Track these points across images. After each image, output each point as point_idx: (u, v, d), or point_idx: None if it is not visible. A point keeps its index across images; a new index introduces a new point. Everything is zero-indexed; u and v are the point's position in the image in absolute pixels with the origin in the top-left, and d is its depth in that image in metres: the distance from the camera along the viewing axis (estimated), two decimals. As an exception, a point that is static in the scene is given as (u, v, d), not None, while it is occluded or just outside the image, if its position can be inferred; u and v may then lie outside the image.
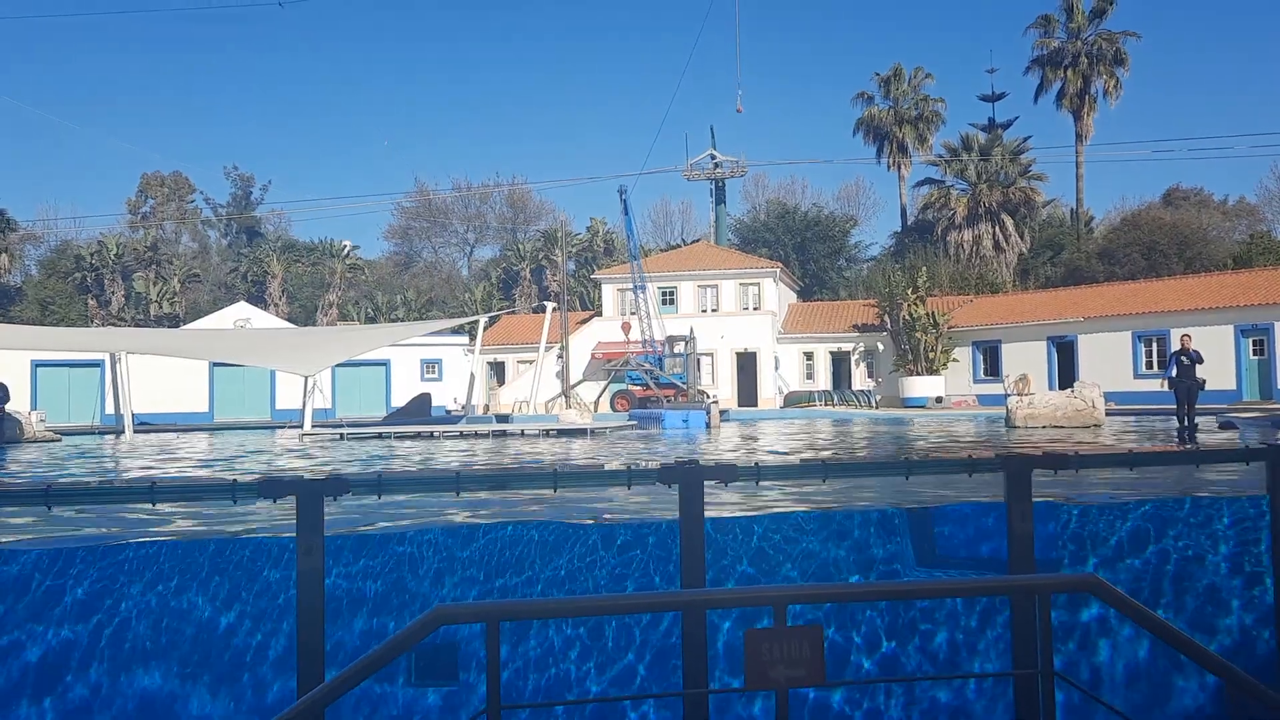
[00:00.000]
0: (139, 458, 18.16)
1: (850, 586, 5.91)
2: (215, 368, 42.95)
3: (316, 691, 3.69)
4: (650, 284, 46.06)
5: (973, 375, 43.33)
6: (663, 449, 18.46)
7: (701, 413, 28.08)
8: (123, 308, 62.82)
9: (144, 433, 28.89)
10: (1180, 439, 17.46)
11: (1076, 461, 6.31)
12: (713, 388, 44.65)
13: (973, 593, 5.66)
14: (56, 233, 76.17)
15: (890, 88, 61.04)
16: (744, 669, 3.42)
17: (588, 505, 8.32)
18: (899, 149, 60.49)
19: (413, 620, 3.73)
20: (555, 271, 63.76)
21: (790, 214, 64.43)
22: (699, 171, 61.07)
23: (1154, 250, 49.43)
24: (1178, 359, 19.08)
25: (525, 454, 17.70)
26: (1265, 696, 3.59)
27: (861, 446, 18.35)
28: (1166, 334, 35.80)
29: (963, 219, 54.17)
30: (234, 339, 35.32)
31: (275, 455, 18.47)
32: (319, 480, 5.32)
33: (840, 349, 47.47)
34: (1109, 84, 55.80)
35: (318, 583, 5.14)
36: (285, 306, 64.12)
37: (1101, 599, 3.78)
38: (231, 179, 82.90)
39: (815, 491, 8.69)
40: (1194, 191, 66.59)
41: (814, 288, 60.29)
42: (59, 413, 37.49)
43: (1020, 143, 56.85)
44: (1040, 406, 21.85)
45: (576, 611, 5.18)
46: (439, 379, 46.84)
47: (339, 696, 3.65)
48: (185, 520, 7.88)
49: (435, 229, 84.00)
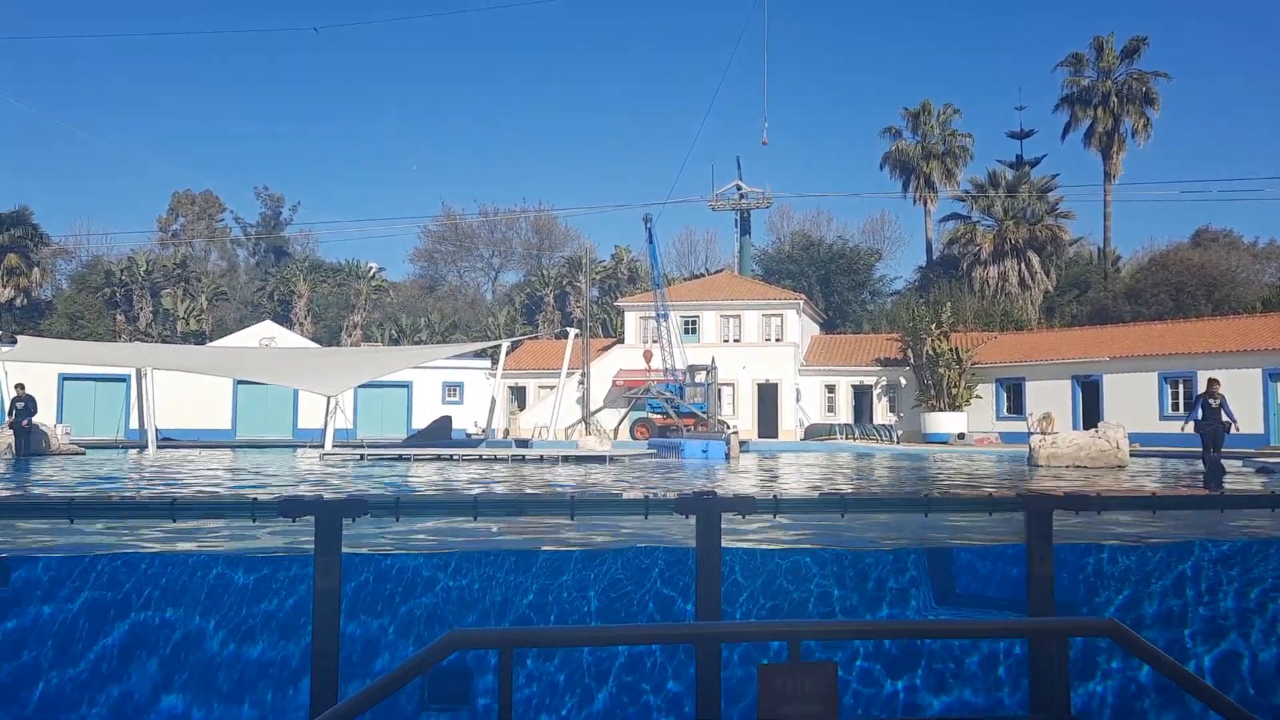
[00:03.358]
0: (162, 473, 18.29)
1: (866, 623, 5.86)
2: (239, 385, 43.30)
3: (329, 713, 3.70)
4: (673, 313, 46.13)
5: (996, 412, 43.03)
6: (681, 478, 18.42)
7: (721, 443, 27.98)
8: (150, 324, 63.50)
9: (167, 448, 29.11)
10: (1205, 483, 17.27)
11: (1098, 503, 6.24)
12: (733, 418, 44.55)
13: (989, 634, 5.61)
14: (88, 248, 77.29)
15: (918, 122, 61.13)
16: (758, 705, 3.41)
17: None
18: (926, 184, 60.47)
19: (428, 644, 3.75)
20: (578, 298, 63.99)
21: (815, 246, 64.45)
22: (724, 202, 61.27)
23: (1181, 291, 49.07)
24: (1204, 402, 18.92)
25: (544, 479, 17.70)
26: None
27: (881, 481, 18.24)
28: (1193, 376, 35.46)
29: (988, 255, 54.00)
30: (259, 358, 35.61)
31: (296, 475, 18.56)
32: (338, 501, 5.35)
33: (862, 383, 47.29)
34: (1138, 123, 55.68)
35: (334, 602, 5.16)
36: (310, 326, 64.63)
37: (1120, 643, 3.74)
38: (261, 199, 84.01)
39: (833, 526, 8.63)
40: (1223, 233, 66.19)
41: (837, 320, 60.20)
42: (84, 426, 37.86)
43: (1048, 180, 56.72)
44: (1063, 446, 21.65)
45: (590, 641, 5.17)
46: (460, 402, 46.99)
47: (354, 718, 3.66)
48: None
49: (461, 253, 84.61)
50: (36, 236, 62.69)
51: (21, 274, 60.59)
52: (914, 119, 61.33)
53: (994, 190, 55.72)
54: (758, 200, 61.37)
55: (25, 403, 24.17)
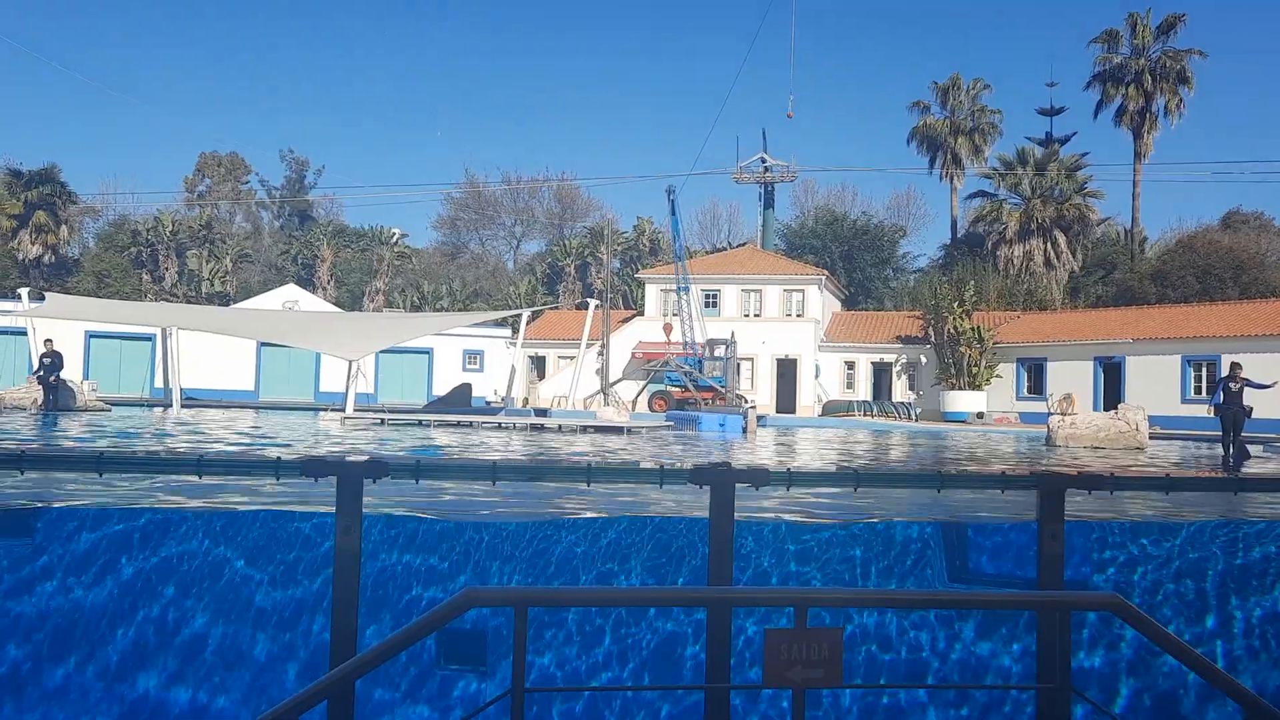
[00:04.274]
0: (185, 431, 18.55)
1: (873, 592, 5.94)
2: (263, 347, 43.64)
3: (347, 664, 3.82)
4: (694, 286, 46.07)
5: (1015, 392, 42.84)
6: (697, 450, 18.52)
7: (738, 417, 28.02)
8: (175, 284, 63.99)
9: (191, 407, 29.45)
10: (1224, 465, 17.23)
11: (1112, 483, 6.28)
12: (751, 393, 44.56)
13: (994, 606, 5.68)
14: (115, 207, 77.80)
15: (948, 97, 60.44)
16: (762, 667, 3.50)
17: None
18: (953, 160, 59.85)
19: (443, 601, 3.85)
20: (600, 269, 63.97)
21: (838, 221, 64.07)
22: (748, 175, 60.94)
23: (1209, 274, 48.51)
24: (1225, 385, 18.84)
25: (561, 448, 17.85)
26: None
27: (898, 458, 18.28)
28: (1217, 359, 35.16)
29: (1014, 234, 53.51)
30: (282, 320, 35.86)
31: (318, 436, 18.78)
32: (359, 462, 5.46)
33: (882, 360, 47.15)
34: (1171, 102, 54.85)
35: (354, 561, 5.29)
36: (333, 291, 64.95)
37: (1124, 619, 3.80)
38: (287, 162, 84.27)
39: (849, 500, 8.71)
40: (1254, 215, 65.23)
41: (859, 297, 59.93)
42: (110, 384, 38.28)
43: (1077, 159, 56.04)
44: (1082, 427, 21.59)
45: (603, 602, 5.27)
46: (480, 370, 47.20)
47: (369, 670, 3.78)
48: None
49: (483, 221, 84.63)
50: (64, 194, 63.10)
51: (50, 231, 61.06)
52: (943, 94, 60.63)
53: (1022, 168, 55.14)
54: (782, 174, 61.00)
55: (53, 359, 24.53)
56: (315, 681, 3.64)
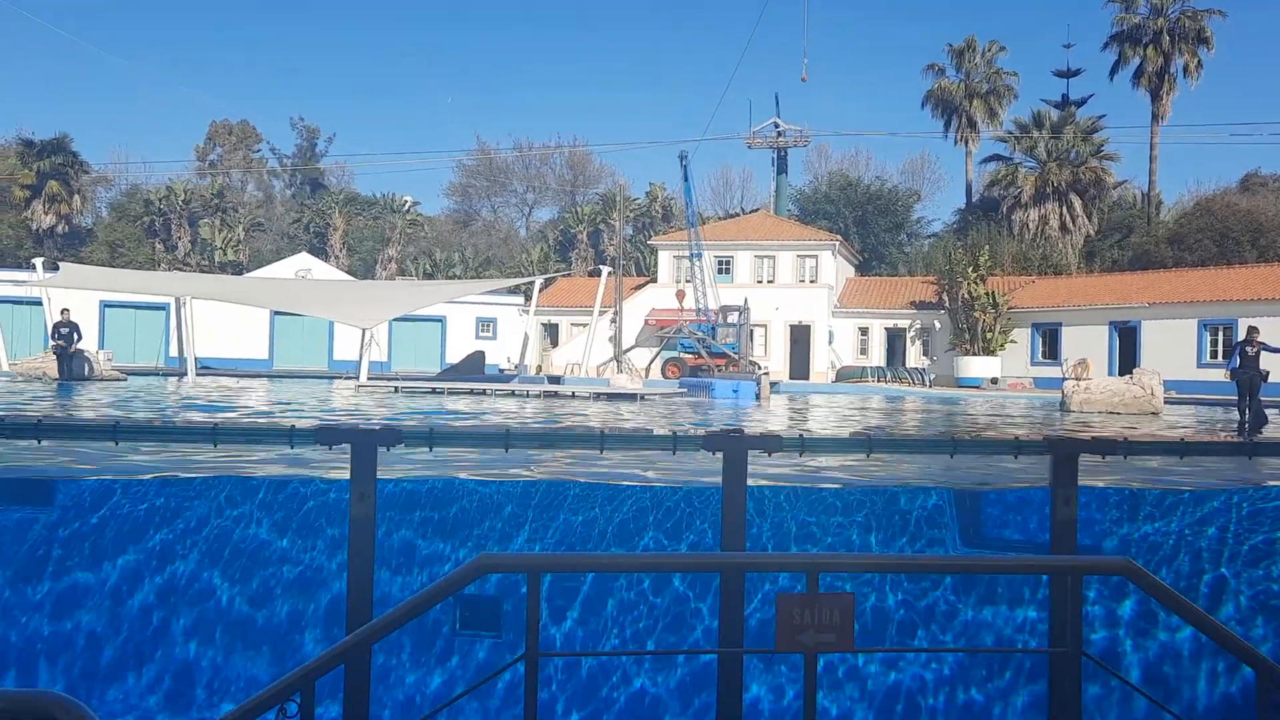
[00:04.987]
0: (201, 400, 18.67)
1: (885, 557, 5.96)
2: (277, 316, 43.80)
3: (364, 629, 3.86)
4: (707, 252, 45.91)
5: (1030, 357, 42.69)
6: (710, 417, 18.54)
7: (752, 383, 28.00)
8: (188, 253, 64.15)
9: (206, 376, 29.62)
10: (1239, 430, 17.14)
11: (1125, 447, 6.26)
12: (765, 359, 44.53)
13: (1005, 570, 5.69)
14: (127, 176, 77.87)
15: (963, 60, 59.70)
16: (774, 632, 3.52)
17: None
18: (968, 123, 59.23)
19: (457, 567, 3.88)
20: (612, 235, 63.78)
21: (852, 186, 63.63)
22: (762, 140, 60.47)
23: (1226, 237, 48.04)
24: (1242, 349, 18.70)
25: (575, 415, 17.89)
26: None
27: (911, 424, 18.26)
28: (1234, 323, 34.92)
29: (1029, 198, 53.03)
30: (295, 289, 35.92)
31: (332, 404, 18.87)
32: (373, 430, 5.49)
33: (896, 325, 47.00)
34: (1190, 63, 54.08)
35: (370, 528, 5.33)
36: (346, 259, 65.00)
37: (1135, 583, 3.80)
38: (297, 130, 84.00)
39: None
40: (1273, 177, 64.44)
41: (873, 262, 59.62)
42: (125, 353, 38.51)
43: (1094, 121, 55.38)
44: (1096, 392, 21.51)
45: (616, 567, 5.30)
46: (494, 338, 47.28)
47: (385, 635, 3.82)
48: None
49: (495, 188, 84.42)
50: (77, 164, 63.16)
51: (62, 201, 61.18)
52: (958, 56, 59.88)
53: (1038, 131, 54.54)
54: (795, 138, 60.50)
55: (69, 328, 24.68)
56: (332, 646, 3.68)
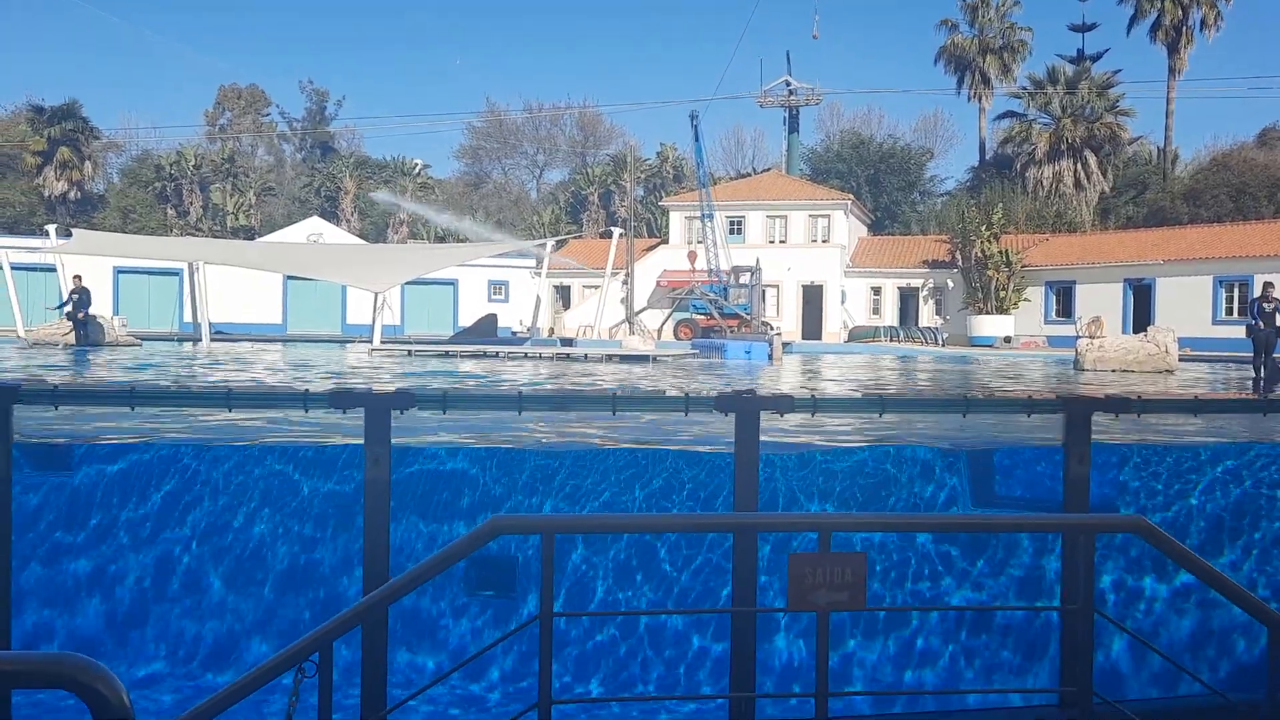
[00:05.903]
0: (215, 364, 18.76)
1: (898, 516, 5.98)
2: (289, 280, 43.87)
3: (380, 591, 3.91)
4: (718, 213, 45.67)
5: (1044, 316, 42.48)
6: (723, 378, 18.54)
7: (764, 344, 27.97)
8: (200, 218, 64.17)
9: (220, 341, 29.75)
10: (1255, 387, 17.07)
11: (1139, 405, 6.24)
12: (777, 320, 44.43)
13: (1016, 528, 5.70)
14: (137, 142, 77.71)
15: (976, 15, 58.83)
16: (786, 591, 3.54)
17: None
18: (981, 80, 58.52)
19: (470, 530, 3.91)
20: (623, 197, 63.47)
21: (864, 145, 63.08)
22: (773, 98, 59.86)
23: (1243, 193, 47.50)
24: (1259, 306, 18.59)
25: (587, 377, 17.91)
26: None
27: (923, 383, 18.23)
28: (1250, 280, 34.62)
29: (1044, 155, 52.46)
30: (307, 253, 35.96)
31: (345, 368, 18.95)
32: (387, 394, 5.51)
33: (909, 285, 46.79)
34: (1209, 15, 53.14)
35: (384, 491, 5.37)
36: (357, 223, 64.93)
37: (1148, 541, 3.81)
38: (306, 93, 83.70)
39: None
40: (1291, 132, 63.56)
41: (885, 221, 59.22)
42: (139, 319, 38.69)
43: (1109, 76, 54.57)
44: (1110, 350, 21.39)
45: (629, 528, 5.33)
46: (506, 300, 47.32)
47: (400, 597, 3.86)
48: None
49: (505, 150, 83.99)
50: (87, 130, 63.06)
51: (74, 167, 61.17)
52: (971, 11, 59.01)
53: (1052, 87, 53.84)
54: (807, 97, 59.87)
55: (81, 294, 24.79)
56: (348, 608, 3.72)
